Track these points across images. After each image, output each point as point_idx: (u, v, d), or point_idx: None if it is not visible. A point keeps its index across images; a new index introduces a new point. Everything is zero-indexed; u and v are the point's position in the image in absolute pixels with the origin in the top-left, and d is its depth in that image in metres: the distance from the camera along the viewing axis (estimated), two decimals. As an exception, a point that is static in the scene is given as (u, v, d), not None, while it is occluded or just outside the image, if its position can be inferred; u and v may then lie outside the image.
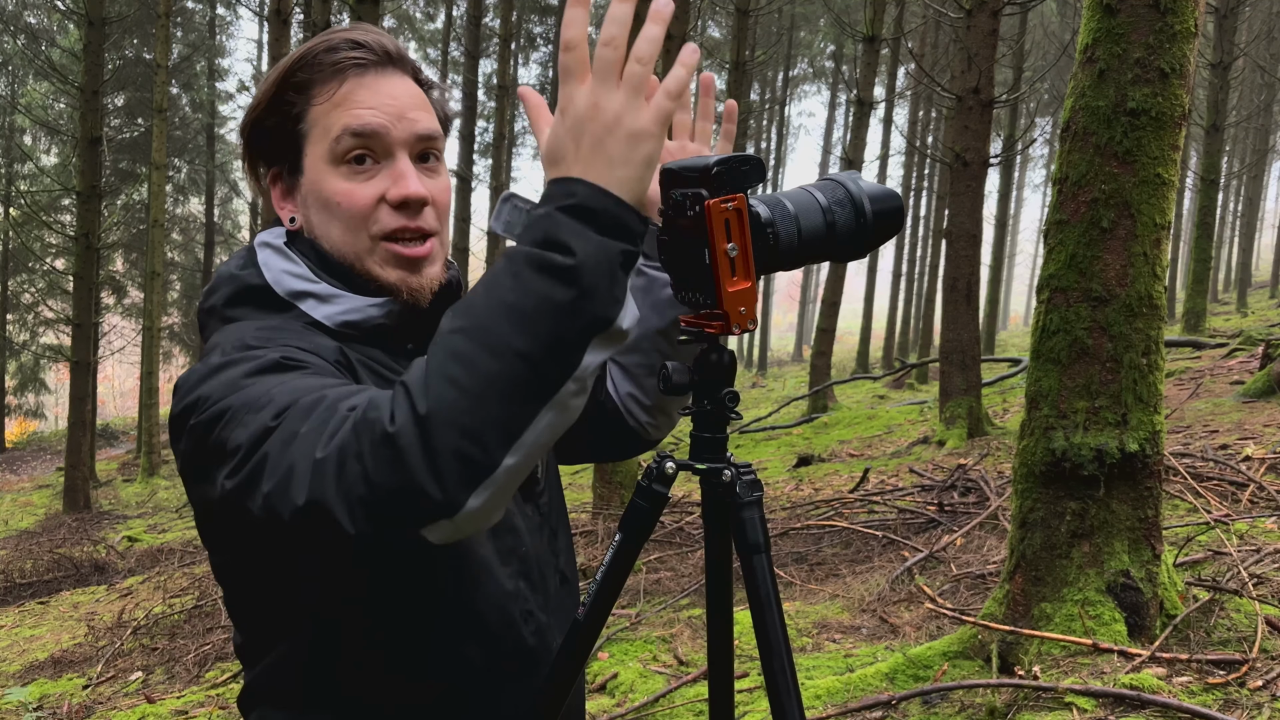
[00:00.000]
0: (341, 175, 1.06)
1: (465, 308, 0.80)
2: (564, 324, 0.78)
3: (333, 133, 1.05)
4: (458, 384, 0.76)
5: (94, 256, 14.26)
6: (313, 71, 1.06)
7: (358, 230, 1.07)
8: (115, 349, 23.82)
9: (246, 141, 1.12)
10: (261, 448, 0.83)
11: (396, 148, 1.07)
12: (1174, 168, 2.95)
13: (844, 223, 1.13)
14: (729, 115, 1.26)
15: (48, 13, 23.48)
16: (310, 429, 0.81)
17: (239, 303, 1.07)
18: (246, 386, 0.89)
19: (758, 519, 1.12)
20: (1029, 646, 2.94)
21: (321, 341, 1.02)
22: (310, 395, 0.85)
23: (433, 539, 0.78)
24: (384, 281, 1.08)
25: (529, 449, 0.78)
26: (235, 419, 0.87)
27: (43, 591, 8.71)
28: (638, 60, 0.83)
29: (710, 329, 1.10)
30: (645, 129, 0.83)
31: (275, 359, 0.93)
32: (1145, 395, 2.94)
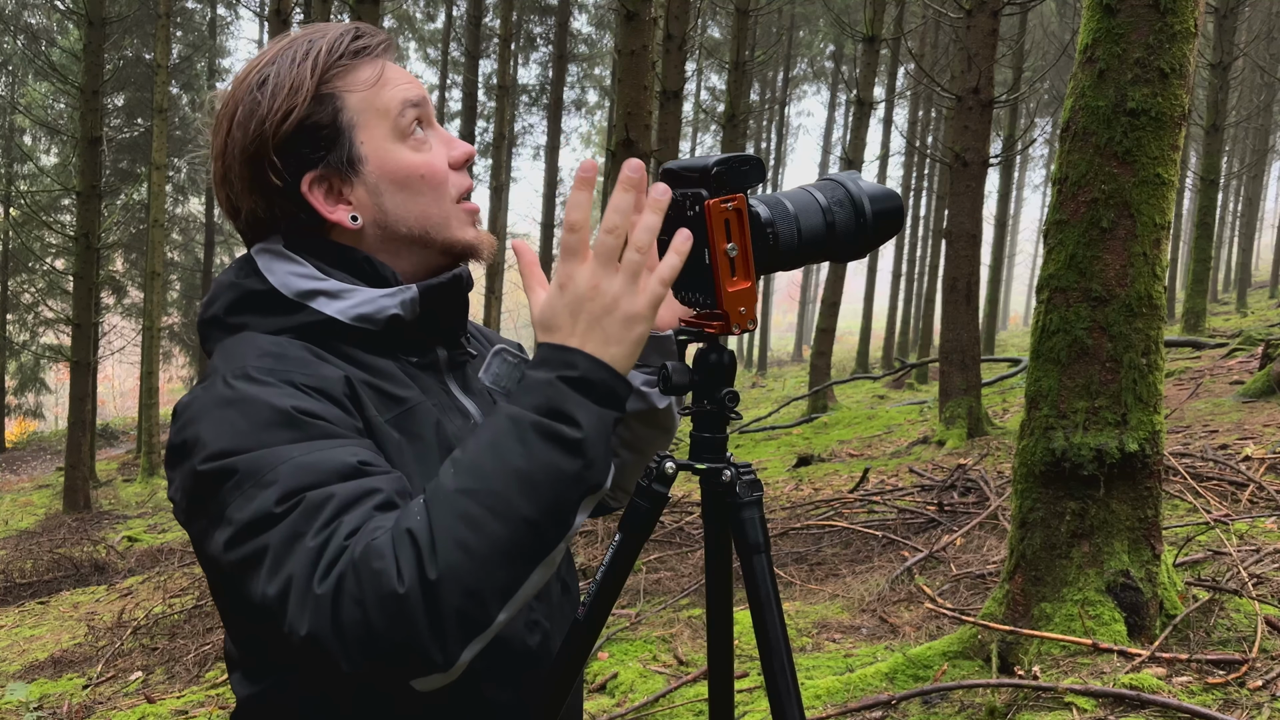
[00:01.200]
0: (411, 148, 1.07)
1: (471, 468, 0.83)
2: (569, 492, 0.83)
3: (394, 110, 1.06)
4: (467, 548, 0.79)
5: (94, 256, 14.25)
6: (349, 60, 1.06)
7: (441, 198, 1.09)
8: (115, 349, 23.83)
9: (272, 154, 1.03)
10: (262, 536, 0.84)
11: (433, 116, 1.11)
12: (1174, 168, 2.95)
13: (844, 223, 1.14)
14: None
15: (48, 13, 23.48)
16: (315, 543, 0.82)
17: (241, 310, 1.05)
18: (252, 443, 0.88)
19: (758, 519, 1.12)
20: (1029, 646, 2.94)
21: (326, 373, 0.99)
22: (318, 491, 0.85)
23: (419, 688, 0.82)
24: (466, 243, 1.11)
25: (519, 603, 0.83)
26: (238, 487, 0.86)
27: (43, 591, 8.70)
28: (636, 249, 0.89)
29: (710, 329, 1.10)
30: (640, 313, 0.89)
31: (285, 410, 0.91)
32: (1145, 395, 2.94)
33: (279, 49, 1.07)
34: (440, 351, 1.14)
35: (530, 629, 1.10)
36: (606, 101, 30.57)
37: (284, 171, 1.04)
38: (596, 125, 38.54)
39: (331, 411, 0.94)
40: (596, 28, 30.21)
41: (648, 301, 0.89)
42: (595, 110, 34.63)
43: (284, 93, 1.03)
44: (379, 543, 0.80)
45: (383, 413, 1.02)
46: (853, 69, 23.61)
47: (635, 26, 6.69)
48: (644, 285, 0.89)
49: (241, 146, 1.04)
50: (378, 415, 1.01)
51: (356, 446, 0.91)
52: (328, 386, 0.97)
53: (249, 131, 1.03)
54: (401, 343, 1.09)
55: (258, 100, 1.03)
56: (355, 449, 0.91)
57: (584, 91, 32.77)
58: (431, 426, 1.06)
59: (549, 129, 25.41)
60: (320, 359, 1.01)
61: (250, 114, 1.03)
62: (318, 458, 0.88)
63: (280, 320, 1.04)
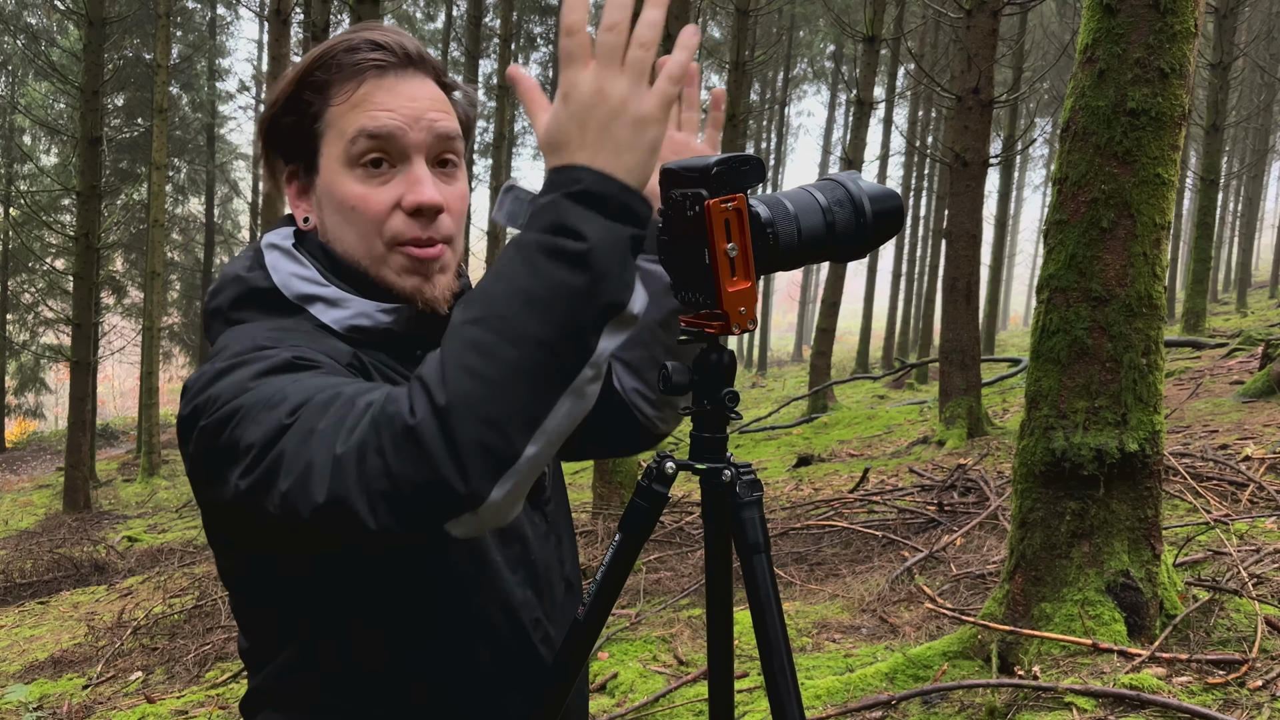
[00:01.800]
0: (356, 178, 1.04)
1: (479, 297, 0.79)
2: (580, 309, 0.77)
3: (348, 134, 1.03)
4: (476, 374, 0.75)
5: (94, 256, 14.25)
6: (331, 71, 1.04)
7: (371, 236, 1.04)
8: (115, 349, 23.82)
9: (264, 138, 1.10)
10: (277, 445, 0.82)
11: (413, 151, 1.04)
12: (1174, 168, 2.95)
13: (844, 223, 1.14)
14: (716, 103, 1.26)
15: (48, 13, 23.47)
16: (328, 425, 0.80)
17: (245, 305, 1.06)
18: (258, 386, 0.87)
19: (758, 519, 1.12)
20: (1029, 646, 2.94)
21: (334, 344, 1.00)
22: (325, 392, 0.84)
23: (456, 533, 0.78)
24: (398, 289, 1.05)
25: (550, 436, 0.78)
26: (248, 417, 0.85)
27: (43, 591, 8.71)
28: (640, 45, 0.82)
29: (710, 329, 1.10)
30: (650, 114, 0.82)
31: (288, 358, 0.91)
32: (1145, 395, 2.94)
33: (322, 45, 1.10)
34: None
35: (534, 626, 1.10)
36: (606, 101, 30.52)
37: (273, 158, 1.10)
38: (596, 125, 38.49)
39: (337, 368, 0.95)
40: (596, 28, 30.18)
41: (658, 101, 0.82)
42: (595, 110, 34.60)
43: (280, 86, 1.07)
44: (396, 392, 0.78)
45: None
46: (853, 69, 23.61)
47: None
48: (652, 84, 0.83)
49: (259, 122, 1.11)
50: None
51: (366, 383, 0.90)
52: (336, 355, 0.98)
53: (264, 113, 1.11)
54: (393, 349, 1.08)
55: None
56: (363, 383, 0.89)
57: (584, 91, 32.74)
58: None
59: (549, 129, 25.35)
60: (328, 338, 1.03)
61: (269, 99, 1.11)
62: (327, 379, 0.87)
63: (279, 320, 1.04)
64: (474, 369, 0.75)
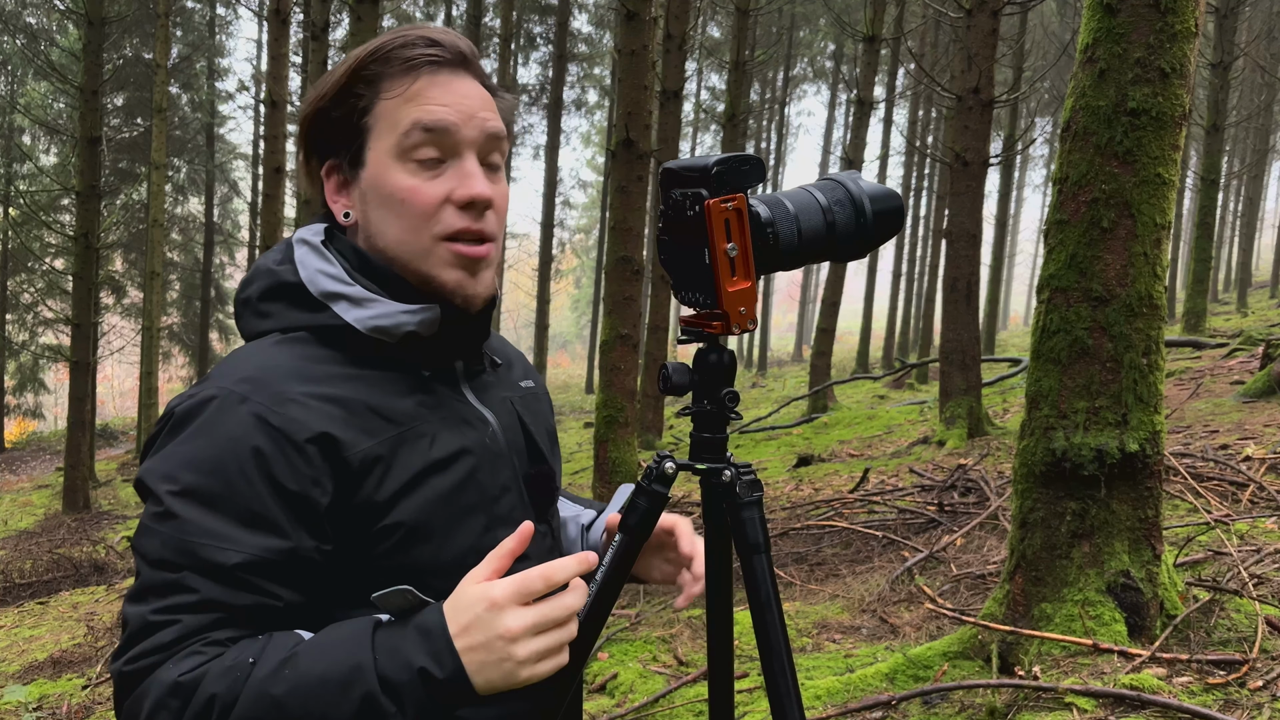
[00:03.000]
0: (408, 171, 1.04)
1: (299, 685, 0.86)
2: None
3: (401, 127, 1.04)
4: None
5: (93, 256, 14.25)
6: (386, 65, 1.05)
7: (419, 229, 1.05)
8: (115, 349, 23.83)
9: (306, 131, 1.09)
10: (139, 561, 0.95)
11: (464, 147, 1.05)
12: (1174, 168, 2.94)
13: (844, 223, 1.13)
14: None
15: (48, 13, 23.47)
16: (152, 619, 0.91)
17: (272, 298, 1.08)
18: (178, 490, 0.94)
19: (758, 519, 1.12)
20: (1029, 646, 2.94)
21: (297, 416, 0.98)
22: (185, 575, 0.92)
23: None
24: (441, 283, 1.06)
25: None
26: (151, 517, 0.95)
27: (42, 591, 8.70)
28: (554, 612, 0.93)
29: (710, 329, 1.09)
30: (519, 682, 0.92)
31: (223, 468, 0.95)
32: (1145, 395, 2.94)
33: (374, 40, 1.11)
34: (458, 363, 1.13)
35: None
36: (606, 101, 30.56)
37: (312, 151, 1.10)
38: (596, 125, 38.52)
39: (271, 475, 0.95)
40: (596, 27, 30.21)
41: (530, 676, 0.91)
42: (595, 110, 34.62)
43: (329, 79, 1.08)
44: (185, 683, 0.87)
45: (373, 435, 1.01)
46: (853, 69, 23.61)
47: (635, 26, 6.68)
48: (542, 663, 0.91)
49: (301, 114, 1.11)
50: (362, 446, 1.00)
51: (260, 536, 0.94)
52: (291, 431, 0.97)
53: (306, 105, 1.10)
54: (418, 355, 1.08)
55: (322, 80, 1.09)
56: (255, 542, 0.93)
57: (584, 91, 32.76)
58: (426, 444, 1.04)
59: (549, 129, 25.41)
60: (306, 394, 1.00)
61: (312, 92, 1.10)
62: (210, 549, 0.92)
63: (303, 316, 1.06)
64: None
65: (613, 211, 6.83)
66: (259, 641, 0.90)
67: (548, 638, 0.91)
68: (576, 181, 41.59)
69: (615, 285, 6.72)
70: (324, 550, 0.97)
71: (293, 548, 0.95)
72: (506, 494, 1.11)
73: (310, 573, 0.96)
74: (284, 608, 0.94)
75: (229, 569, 0.92)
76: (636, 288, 6.79)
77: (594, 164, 39.89)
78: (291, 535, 0.95)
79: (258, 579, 0.92)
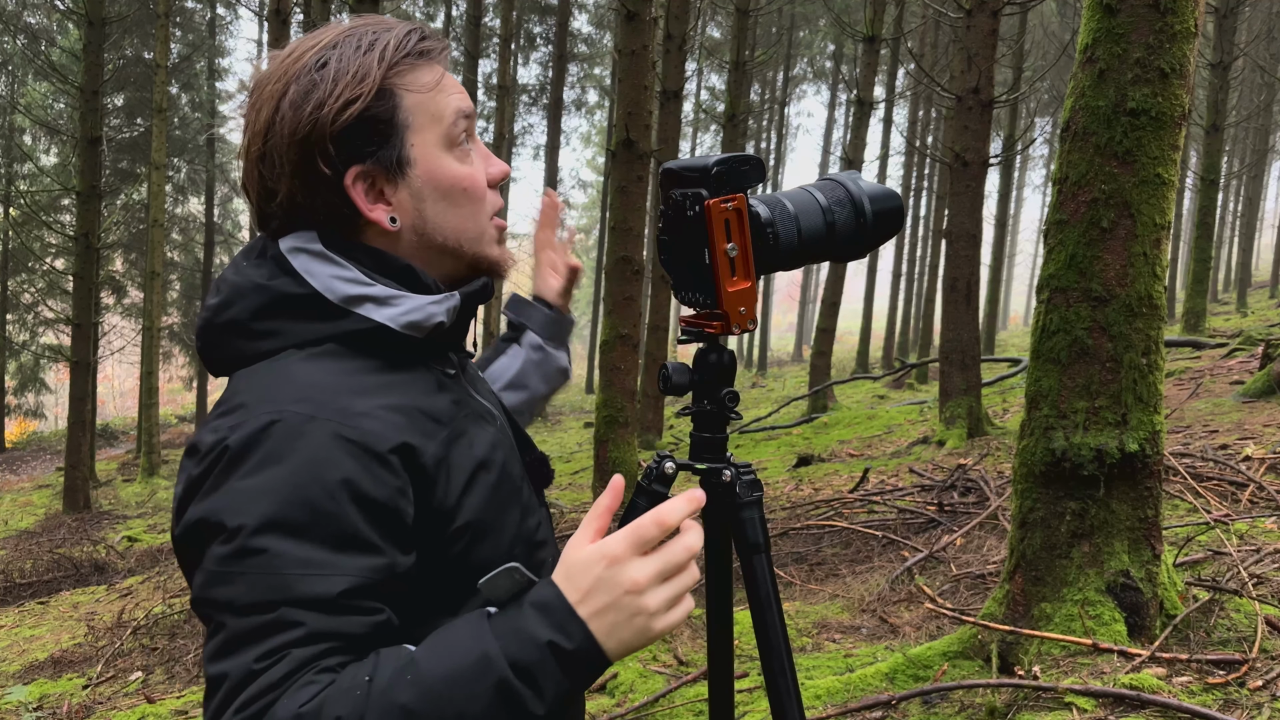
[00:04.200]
0: (457, 159, 1.06)
1: (426, 690, 0.81)
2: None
3: (447, 117, 1.04)
4: None
5: (94, 256, 14.24)
6: (414, 60, 1.03)
7: (479, 213, 1.08)
8: (115, 349, 23.82)
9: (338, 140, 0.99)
10: (222, 614, 0.85)
11: (473, 129, 1.10)
12: (1174, 168, 2.95)
13: (844, 223, 1.14)
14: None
15: (48, 13, 23.47)
16: (253, 666, 0.83)
17: (273, 315, 1.00)
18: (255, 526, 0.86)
19: (758, 519, 1.12)
20: (1029, 646, 2.94)
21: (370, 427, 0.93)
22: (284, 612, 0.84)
23: None
24: (493, 260, 1.10)
25: None
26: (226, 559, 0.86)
27: (43, 591, 8.70)
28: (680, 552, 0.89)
29: (710, 329, 1.10)
30: (655, 635, 0.88)
31: (302, 497, 0.87)
32: (1145, 395, 2.94)
33: (339, 35, 1.03)
34: (452, 357, 1.13)
35: None
36: (606, 101, 30.56)
37: (335, 160, 1.00)
38: (596, 125, 38.54)
39: (361, 493, 0.90)
40: (596, 28, 30.21)
41: (665, 627, 0.88)
42: (595, 110, 34.63)
43: (347, 79, 0.99)
44: (307, 713, 0.80)
45: (433, 437, 0.98)
46: (853, 69, 23.61)
47: (635, 26, 6.68)
48: (673, 611, 0.89)
49: (293, 128, 0.99)
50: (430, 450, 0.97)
51: (359, 558, 0.88)
52: (372, 444, 0.92)
53: (304, 114, 0.98)
54: (434, 352, 1.07)
55: (315, 82, 0.99)
56: (355, 565, 0.88)
57: (584, 91, 32.77)
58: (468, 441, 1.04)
59: (549, 129, 25.41)
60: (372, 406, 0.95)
61: (306, 95, 0.99)
62: (310, 579, 0.86)
63: (322, 327, 0.99)
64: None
65: (613, 211, 6.83)
66: (369, 661, 0.84)
67: (675, 584, 0.88)
68: (576, 181, 41.60)
69: (615, 285, 6.72)
70: (414, 564, 0.94)
71: (390, 564, 0.90)
72: (525, 482, 1.13)
73: (405, 588, 0.93)
74: (390, 629, 0.89)
75: (333, 597, 0.85)
76: (636, 288, 6.78)
77: (594, 164, 39.92)
78: (387, 552, 0.90)
79: (363, 601, 0.87)
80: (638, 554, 0.86)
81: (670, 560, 0.87)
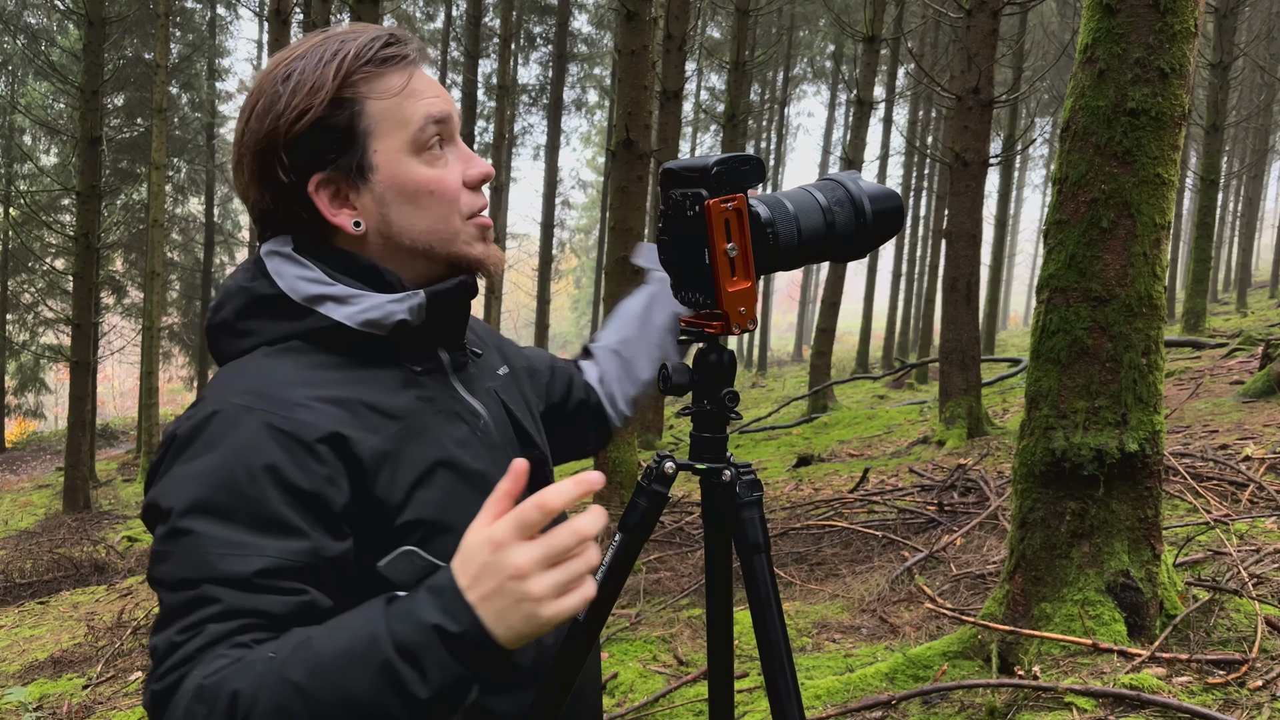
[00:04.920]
0: (425, 163, 1.07)
1: (316, 667, 0.83)
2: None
3: (414, 123, 1.06)
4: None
5: (94, 256, 14.24)
6: (376, 67, 1.06)
7: (450, 215, 1.09)
8: (115, 349, 23.83)
9: (278, 151, 1.04)
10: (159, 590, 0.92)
11: (455, 132, 1.12)
12: (1174, 168, 2.95)
13: (844, 223, 1.14)
14: None
15: (48, 13, 23.47)
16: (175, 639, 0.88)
17: (251, 315, 1.06)
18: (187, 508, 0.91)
19: (757, 519, 1.12)
20: (1029, 646, 2.94)
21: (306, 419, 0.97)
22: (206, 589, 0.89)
23: None
24: (474, 258, 1.11)
25: None
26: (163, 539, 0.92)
27: (43, 591, 8.70)
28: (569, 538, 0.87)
29: (710, 329, 1.10)
30: (542, 624, 0.86)
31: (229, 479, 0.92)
32: (1145, 395, 2.94)
33: (311, 45, 1.07)
34: (443, 355, 1.14)
35: None
36: (606, 101, 30.55)
37: (291, 169, 1.05)
38: (596, 125, 38.52)
39: (284, 479, 0.94)
40: (596, 28, 30.21)
41: (555, 613, 0.85)
42: (595, 110, 34.62)
43: (304, 91, 1.03)
44: (209, 685, 0.84)
45: (378, 431, 1.01)
46: (853, 69, 23.61)
47: (635, 26, 6.68)
48: (566, 598, 0.86)
49: (255, 138, 1.05)
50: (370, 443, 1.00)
51: (279, 540, 0.92)
52: (302, 433, 0.96)
53: (264, 124, 1.04)
54: (407, 349, 1.09)
55: (279, 94, 1.04)
56: (275, 547, 0.91)
57: (584, 91, 32.77)
58: (429, 438, 1.06)
59: (549, 129, 25.40)
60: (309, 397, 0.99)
61: (269, 107, 1.04)
62: (229, 559, 0.90)
63: (288, 325, 1.05)
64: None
65: (613, 211, 6.83)
66: (282, 638, 0.88)
67: (563, 570, 0.86)
68: (576, 181, 41.63)
69: (615, 285, 6.72)
70: (348, 552, 0.96)
71: (314, 548, 0.93)
72: None
73: (338, 576, 0.95)
74: (313, 610, 0.92)
75: (248, 576, 0.89)
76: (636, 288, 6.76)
77: (594, 164, 39.91)
78: (311, 536, 0.93)
79: (282, 581, 0.90)
80: (521, 539, 0.85)
81: (555, 545, 0.85)
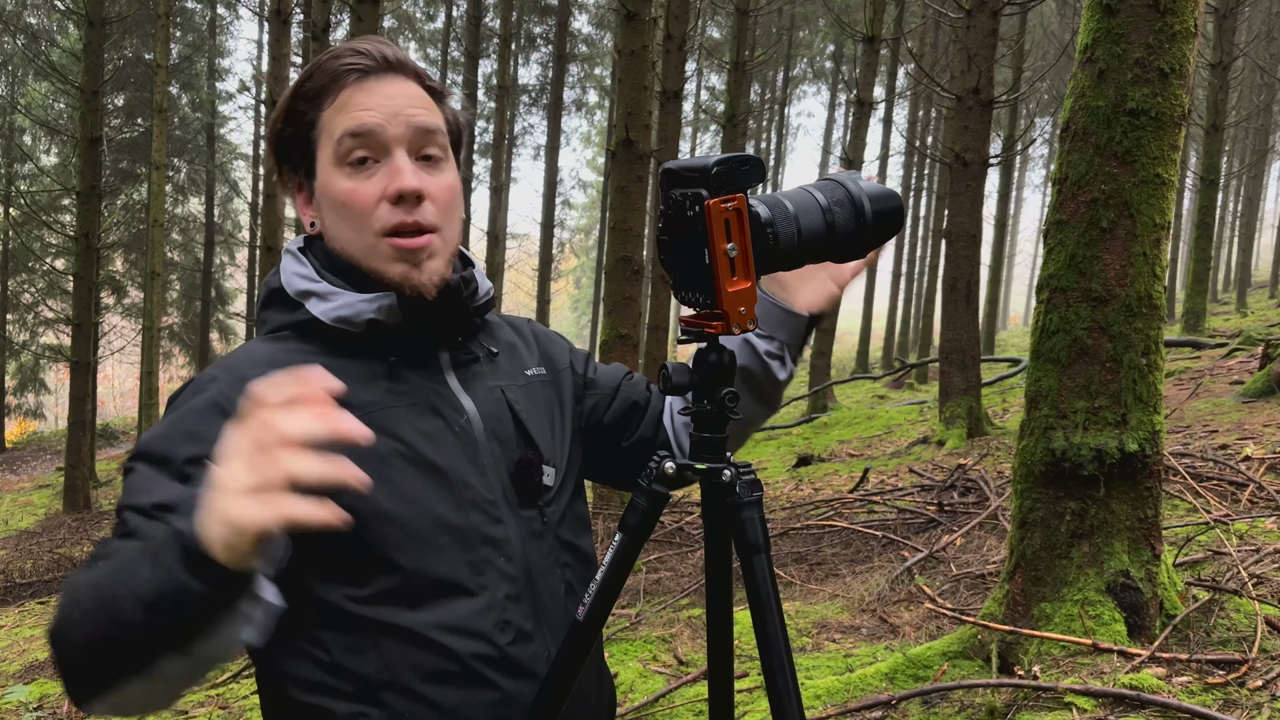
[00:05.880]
0: (345, 175, 1.12)
1: (121, 559, 0.89)
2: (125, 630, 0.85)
3: (335, 135, 1.12)
4: (64, 622, 0.88)
5: (94, 256, 14.24)
6: (321, 80, 1.13)
7: (362, 228, 1.12)
8: (115, 349, 23.82)
9: (273, 152, 1.20)
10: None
11: (394, 145, 1.11)
12: (1174, 168, 2.95)
13: (844, 223, 1.14)
14: None
15: (48, 13, 23.46)
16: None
17: (266, 306, 1.19)
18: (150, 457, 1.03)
19: (757, 519, 1.12)
20: (1029, 646, 2.94)
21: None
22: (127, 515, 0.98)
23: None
24: (388, 276, 1.12)
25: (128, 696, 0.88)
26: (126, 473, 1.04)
27: (43, 591, 8.70)
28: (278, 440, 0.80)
29: (710, 329, 1.10)
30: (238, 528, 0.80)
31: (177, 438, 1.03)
32: (1145, 395, 2.94)
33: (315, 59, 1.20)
34: (443, 354, 1.18)
35: (500, 628, 1.10)
36: (606, 101, 30.55)
37: (278, 170, 1.20)
38: (596, 125, 38.52)
39: (205, 441, 0.97)
40: (596, 28, 30.20)
41: (241, 515, 0.78)
42: (595, 110, 34.61)
43: (279, 105, 1.17)
44: (70, 580, 0.92)
45: None
46: (853, 69, 23.61)
47: (635, 26, 6.68)
48: (254, 502, 0.78)
49: (267, 138, 1.22)
50: None
51: (185, 487, 0.96)
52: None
53: (268, 128, 1.21)
54: (390, 344, 1.14)
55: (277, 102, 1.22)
56: (177, 490, 0.98)
57: (584, 91, 32.76)
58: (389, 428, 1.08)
59: (549, 129, 25.40)
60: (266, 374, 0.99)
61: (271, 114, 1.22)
62: (143, 494, 0.99)
63: (284, 317, 1.16)
64: (65, 617, 0.88)
65: (613, 211, 6.83)
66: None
67: (254, 467, 0.78)
68: (576, 182, 41.60)
69: (615, 285, 6.72)
70: None
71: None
72: (481, 479, 1.13)
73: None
74: None
75: (147, 507, 0.97)
76: (636, 288, 6.78)
77: (594, 164, 39.90)
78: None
79: (167, 509, 0.95)
80: (242, 439, 0.81)
81: (253, 437, 0.79)
